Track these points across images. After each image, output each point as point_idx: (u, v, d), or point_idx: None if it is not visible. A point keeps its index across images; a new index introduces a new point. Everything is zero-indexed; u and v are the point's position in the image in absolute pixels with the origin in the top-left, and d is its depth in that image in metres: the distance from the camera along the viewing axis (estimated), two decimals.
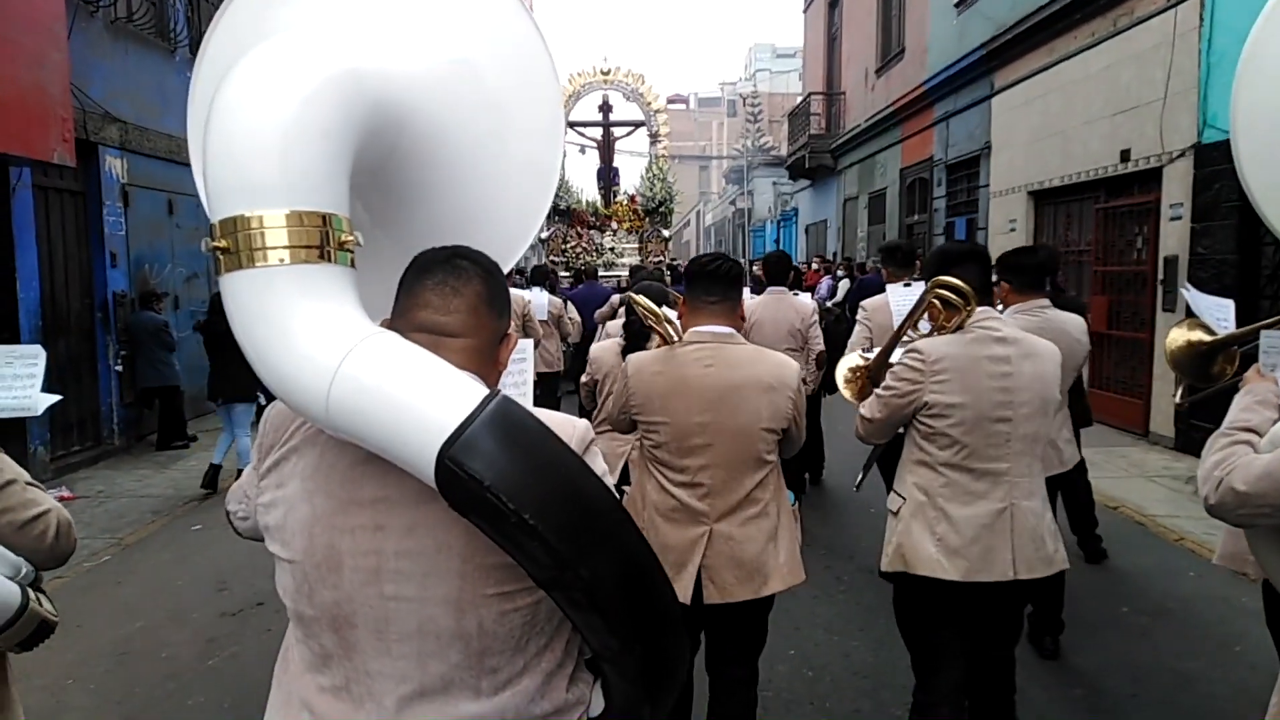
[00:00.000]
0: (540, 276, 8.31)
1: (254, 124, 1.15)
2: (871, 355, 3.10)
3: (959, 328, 2.53)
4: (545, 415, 1.24)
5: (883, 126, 16.80)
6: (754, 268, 10.42)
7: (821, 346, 5.65)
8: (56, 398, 2.17)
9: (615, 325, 4.69)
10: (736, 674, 2.67)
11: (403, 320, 1.30)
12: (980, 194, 12.34)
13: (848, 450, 7.13)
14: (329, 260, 1.17)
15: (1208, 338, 2.96)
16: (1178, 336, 3.05)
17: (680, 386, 2.49)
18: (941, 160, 13.88)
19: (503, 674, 1.25)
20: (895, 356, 2.68)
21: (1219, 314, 3.02)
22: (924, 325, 2.77)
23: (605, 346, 4.02)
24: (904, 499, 2.60)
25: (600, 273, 12.50)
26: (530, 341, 2.23)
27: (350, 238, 1.21)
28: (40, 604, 1.69)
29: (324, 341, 1.12)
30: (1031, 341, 2.56)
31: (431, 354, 1.17)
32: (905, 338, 2.85)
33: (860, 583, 4.79)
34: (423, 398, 1.10)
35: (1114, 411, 8.85)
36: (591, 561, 1.11)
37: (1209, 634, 4.07)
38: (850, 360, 3.20)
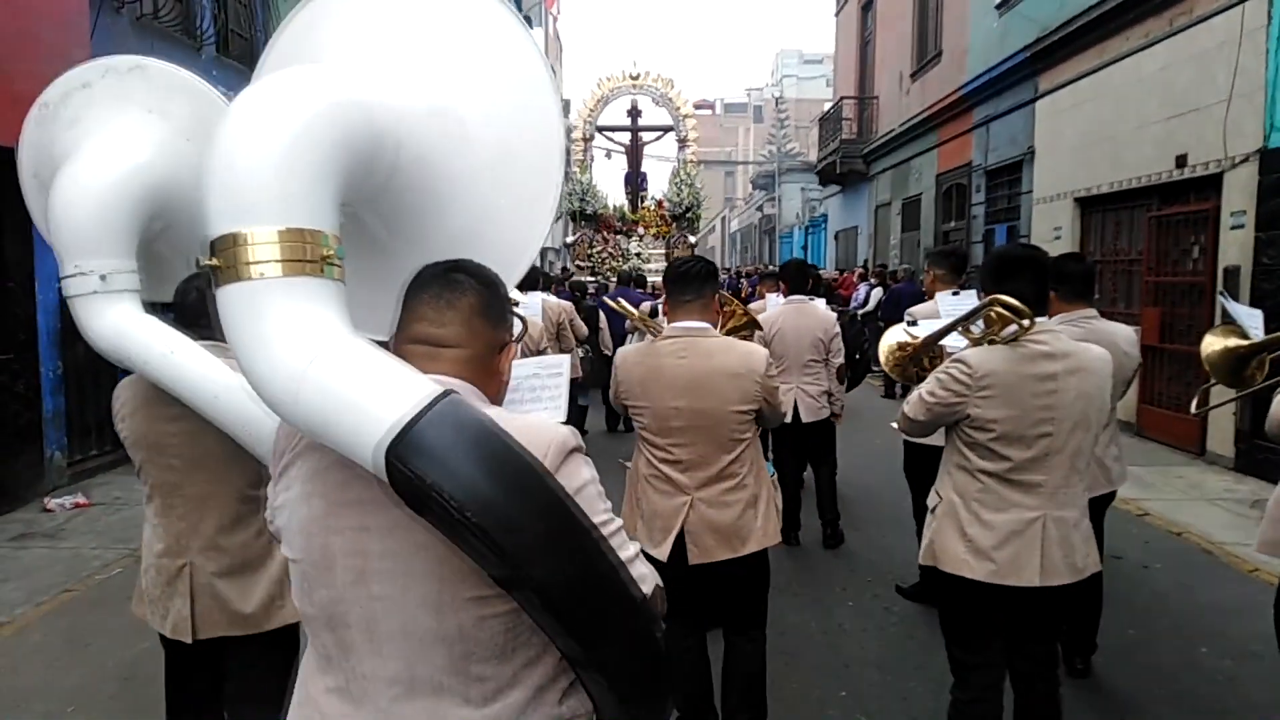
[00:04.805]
0: (531, 281, 7.70)
1: (244, 150, 1.23)
2: (918, 333, 3.07)
3: (1012, 338, 2.52)
4: (522, 422, 1.25)
5: (918, 131, 16.44)
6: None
7: (842, 359, 5.48)
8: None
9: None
10: (743, 634, 2.99)
11: (401, 334, 1.35)
12: (1022, 200, 11.95)
13: (877, 470, 6.83)
14: (312, 274, 1.23)
15: (1244, 342, 3.15)
16: (1214, 341, 3.24)
17: (657, 375, 2.82)
18: (981, 166, 13.51)
19: (490, 683, 1.26)
20: (943, 365, 2.67)
21: (1252, 322, 3.25)
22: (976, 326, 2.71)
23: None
24: (941, 498, 2.68)
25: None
26: (567, 358, 2.28)
27: (332, 253, 1.27)
28: None
29: (296, 348, 1.19)
30: (1082, 355, 2.55)
31: (394, 358, 1.22)
32: (953, 337, 2.85)
33: (912, 614, 4.47)
34: (373, 397, 1.14)
35: (1167, 429, 8.46)
36: (543, 563, 1.13)
37: None
38: (896, 334, 3.21)
